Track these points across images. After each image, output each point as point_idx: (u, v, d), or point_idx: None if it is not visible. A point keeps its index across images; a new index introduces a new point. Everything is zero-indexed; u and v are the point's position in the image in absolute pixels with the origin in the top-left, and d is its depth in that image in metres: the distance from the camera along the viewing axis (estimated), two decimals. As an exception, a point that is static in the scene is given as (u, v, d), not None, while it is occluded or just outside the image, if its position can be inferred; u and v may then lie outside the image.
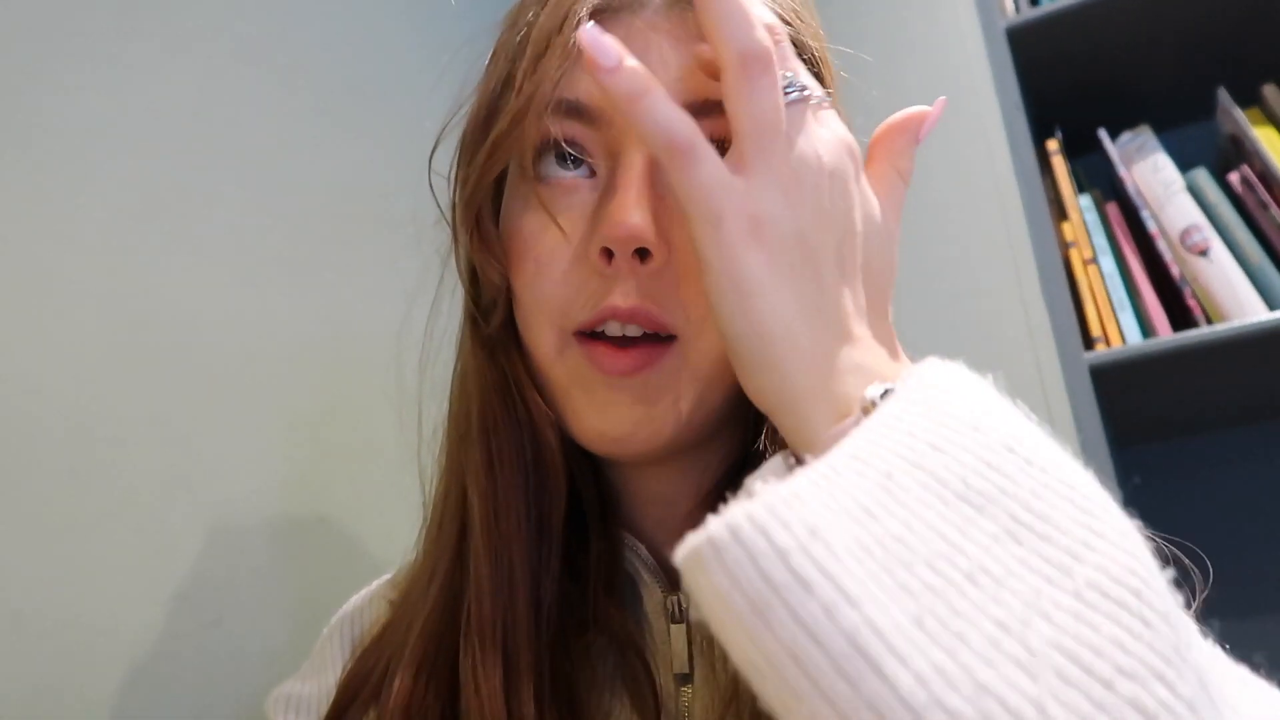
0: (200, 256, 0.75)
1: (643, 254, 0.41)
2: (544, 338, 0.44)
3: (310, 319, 0.85)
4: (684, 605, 0.45)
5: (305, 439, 0.81)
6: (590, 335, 0.43)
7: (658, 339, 0.42)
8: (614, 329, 0.42)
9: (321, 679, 0.51)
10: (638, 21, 0.43)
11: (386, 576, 0.56)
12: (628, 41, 0.41)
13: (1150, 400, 1.13)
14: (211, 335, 0.75)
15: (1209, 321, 1.01)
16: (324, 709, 0.48)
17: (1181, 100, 1.22)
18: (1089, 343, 1.03)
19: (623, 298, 0.41)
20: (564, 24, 0.42)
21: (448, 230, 0.49)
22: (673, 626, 0.45)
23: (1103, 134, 1.13)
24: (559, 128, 0.42)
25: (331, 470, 0.83)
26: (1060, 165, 1.14)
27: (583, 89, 0.42)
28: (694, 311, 0.42)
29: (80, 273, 0.66)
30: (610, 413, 0.42)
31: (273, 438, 0.78)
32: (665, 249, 0.41)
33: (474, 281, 0.47)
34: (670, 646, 0.45)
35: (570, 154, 0.43)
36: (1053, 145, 1.15)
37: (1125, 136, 1.15)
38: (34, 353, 0.62)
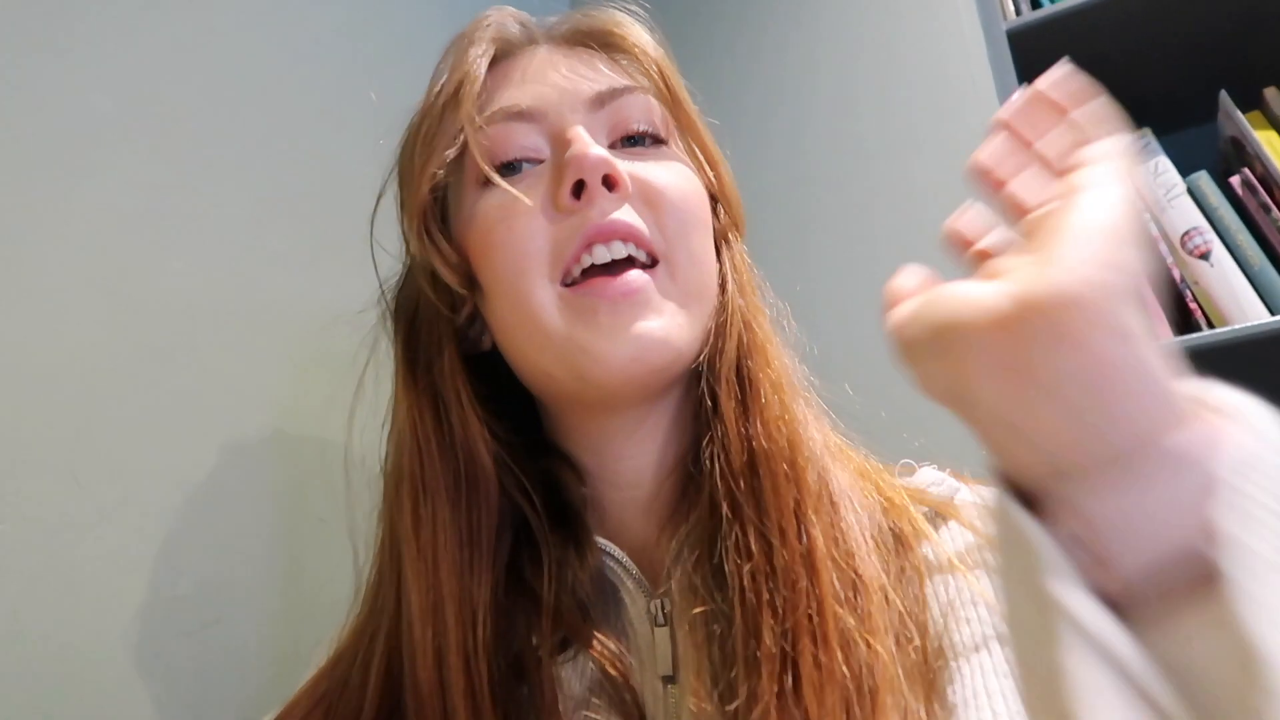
0: (197, 249, 0.76)
1: (609, 185, 0.46)
2: (537, 293, 0.46)
3: (313, 311, 0.85)
4: (666, 609, 0.46)
5: (305, 438, 0.82)
6: (576, 283, 0.46)
7: (643, 266, 0.46)
8: (600, 254, 0.46)
9: None
10: (539, 53, 0.51)
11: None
12: (534, 66, 0.50)
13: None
14: (209, 331, 0.75)
15: (1210, 325, 1.01)
16: None
17: (1183, 103, 1.21)
18: (1089, 346, 1.03)
19: (600, 216, 0.45)
20: (469, 51, 0.50)
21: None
22: (657, 630, 0.46)
23: (1104, 137, 1.13)
24: (504, 130, 0.48)
25: (331, 472, 0.83)
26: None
27: (512, 97, 0.49)
28: (668, 229, 0.47)
29: (75, 267, 0.67)
30: (620, 335, 0.45)
31: (271, 436, 0.78)
32: (627, 179, 0.46)
33: (435, 284, 0.50)
34: (655, 650, 0.46)
35: (526, 158, 0.48)
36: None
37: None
38: (32, 351, 0.63)
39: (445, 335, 0.50)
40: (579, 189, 0.45)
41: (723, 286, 0.51)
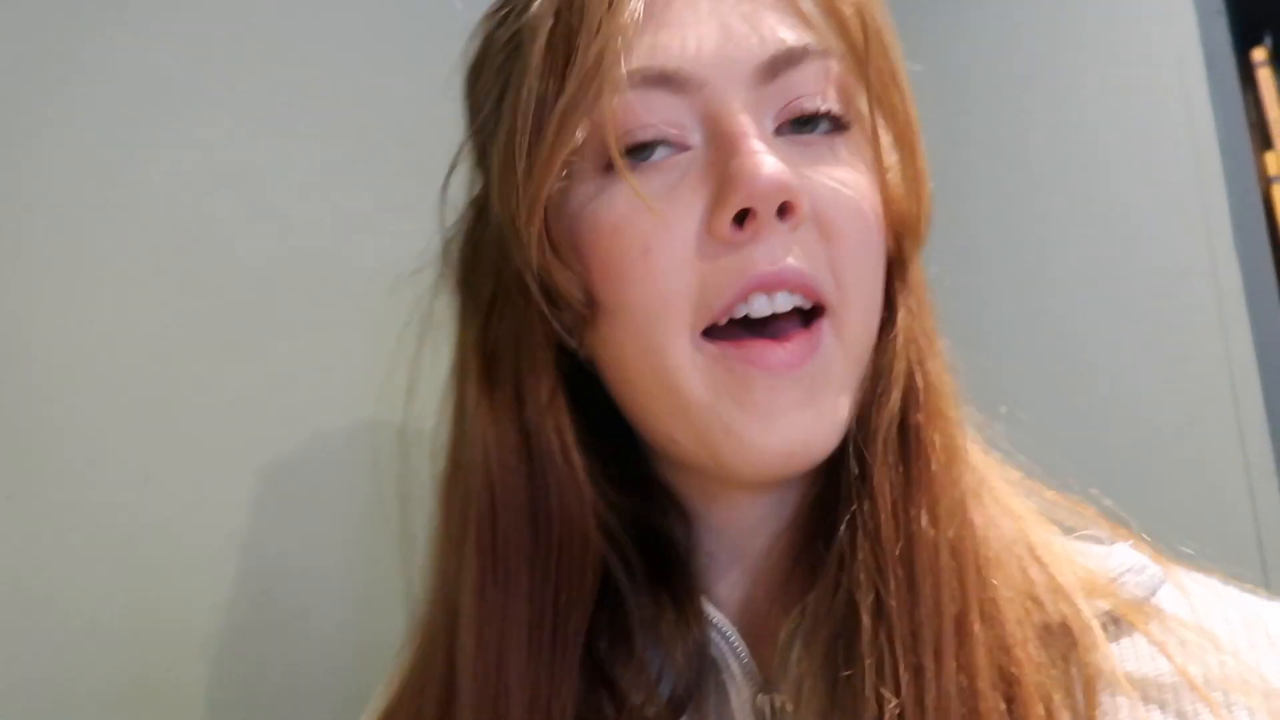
0: (271, 216, 0.71)
1: (781, 211, 0.35)
2: (675, 343, 0.36)
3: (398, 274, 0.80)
4: (777, 706, 0.37)
5: (389, 417, 0.77)
6: (724, 335, 0.36)
7: (804, 314, 0.37)
8: (760, 305, 0.36)
9: None
10: None
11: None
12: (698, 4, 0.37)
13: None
14: (286, 304, 0.70)
15: None
16: None
17: None
18: (1292, 303, 0.87)
19: (769, 261, 0.35)
20: None
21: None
22: None
23: (1326, 40, 0.93)
24: (640, 99, 0.36)
25: (417, 451, 0.79)
26: (1267, 79, 0.95)
27: (665, 54, 0.36)
28: (842, 274, 0.37)
29: (144, 247, 0.62)
30: (779, 422, 0.36)
31: (354, 417, 0.74)
32: (807, 206, 0.36)
33: (549, 299, 0.39)
34: None
35: (666, 139, 0.37)
36: (1260, 55, 0.96)
37: (1355, 42, 0.94)
38: (100, 343, 0.59)
39: (544, 357, 0.40)
40: (743, 216, 0.35)
41: (891, 321, 0.40)
